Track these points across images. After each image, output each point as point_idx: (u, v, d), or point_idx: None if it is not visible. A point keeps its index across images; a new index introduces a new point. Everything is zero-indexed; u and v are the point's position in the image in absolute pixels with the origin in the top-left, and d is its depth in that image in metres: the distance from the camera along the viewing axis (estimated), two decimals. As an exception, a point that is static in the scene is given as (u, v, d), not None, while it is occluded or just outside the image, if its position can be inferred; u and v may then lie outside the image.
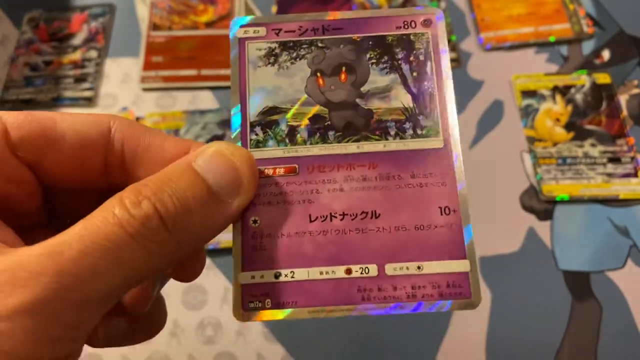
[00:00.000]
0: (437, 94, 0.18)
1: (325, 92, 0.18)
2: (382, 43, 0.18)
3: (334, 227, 0.17)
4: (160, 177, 0.14)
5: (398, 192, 0.17)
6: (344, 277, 0.17)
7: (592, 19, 0.46)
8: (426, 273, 0.17)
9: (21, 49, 0.47)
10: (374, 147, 0.18)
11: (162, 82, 0.44)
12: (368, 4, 0.48)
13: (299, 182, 0.17)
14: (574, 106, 0.42)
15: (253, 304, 0.16)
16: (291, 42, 0.18)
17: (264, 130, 0.18)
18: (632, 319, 0.34)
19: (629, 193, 0.38)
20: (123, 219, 0.13)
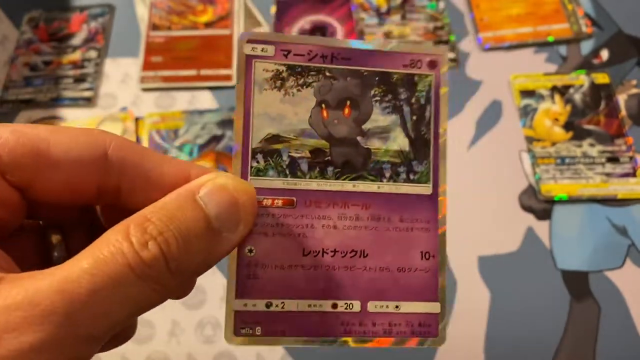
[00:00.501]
0: (432, 140, 0.19)
1: (329, 125, 0.18)
2: (388, 81, 0.19)
3: (325, 263, 0.18)
4: (164, 211, 0.14)
5: (386, 234, 0.18)
6: (329, 311, 0.18)
7: (590, 19, 0.46)
8: (403, 312, 0.18)
9: (21, 49, 0.47)
10: (368, 187, 0.18)
11: (162, 82, 0.44)
12: (367, 4, 0.48)
13: (295, 215, 0.18)
14: (572, 106, 0.42)
15: (244, 330, 0.17)
16: (299, 67, 0.18)
17: (266, 159, 0.18)
18: (630, 319, 0.34)
19: (628, 193, 0.38)
20: (132, 260, 0.13)
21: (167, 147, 0.41)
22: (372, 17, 0.47)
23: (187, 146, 0.41)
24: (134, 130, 0.42)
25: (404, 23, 0.47)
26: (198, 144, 0.41)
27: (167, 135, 0.42)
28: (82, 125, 0.43)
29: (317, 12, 0.48)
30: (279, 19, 0.47)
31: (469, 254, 0.37)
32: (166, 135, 0.42)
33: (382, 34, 0.46)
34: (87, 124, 0.43)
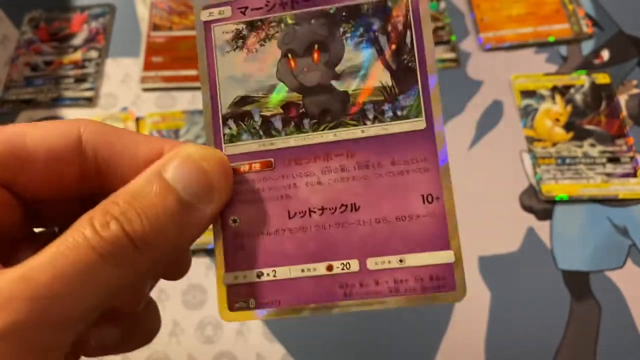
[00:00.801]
0: (419, 67, 0.16)
1: (298, 75, 0.17)
2: (357, 13, 0.16)
3: (314, 223, 0.16)
4: (130, 192, 0.14)
5: (378, 182, 0.16)
6: (325, 274, 0.16)
7: (591, 19, 0.46)
8: (408, 266, 0.16)
9: (21, 49, 0.47)
10: (352, 134, 0.16)
11: (162, 82, 0.44)
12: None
13: (275, 177, 0.16)
14: (573, 106, 0.42)
15: (238, 304, 0.16)
16: (259, 20, 0.17)
17: (237, 123, 0.17)
18: (631, 319, 0.34)
19: (628, 193, 0.38)
20: (93, 241, 0.13)
21: (168, 147, 0.41)
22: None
23: (187, 146, 0.41)
24: (134, 130, 0.42)
25: None
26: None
27: (167, 135, 0.42)
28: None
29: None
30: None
31: (469, 254, 0.37)
32: (167, 135, 0.42)
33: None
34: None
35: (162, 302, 0.36)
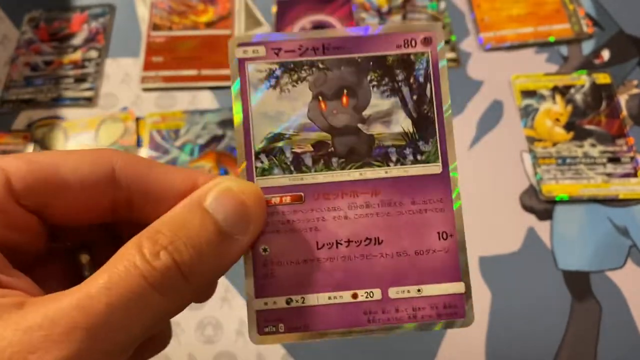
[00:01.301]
0: (436, 118, 0.18)
1: (328, 117, 0.18)
2: (383, 64, 0.18)
3: (340, 254, 0.18)
4: (174, 221, 0.15)
5: (399, 219, 0.18)
6: (350, 302, 0.18)
7: (591, 19, 0.46)
8: (425, 295, 0.18)
9: (21, 48, 0.47)
10: (376, 173, 0.18)
11: (162, 82, 0.44)
12: (368, 4, 0.48)
13: (305, 210, 0.18)
14: (573, 106, 0.42)
15: (268, 329, 0.17)
16: (291, 63, 0.18)
17: (269, 158, 0.18)
18: (631, 319, 0.34)
19: (629, 193, 0.38)
20: (145, 271, 0.13)
21: (168, 147, 0.41)
22: (373, 17, 0.47)
23: (187, 146, 0.41)
24: (134, 130, 0.42)
25: (405, 23, 0.47)
26: (199, 144, 0.41)
27: (167, 135, 0.42)
28: (82, 125, 0.43)
29: (318, 12, 0.48)
30: (279, 19, 0.47)
31: (470, 254, 0.37)
32: (167, 135, 0.42)
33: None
34: (87, 124, 0.43)
35: (162, 302, 0.36)
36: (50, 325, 0.12)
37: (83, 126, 0.42)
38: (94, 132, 0.42)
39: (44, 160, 0.15)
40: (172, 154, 0.41)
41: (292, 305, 0.17)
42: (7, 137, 0.42)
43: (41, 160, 0.15)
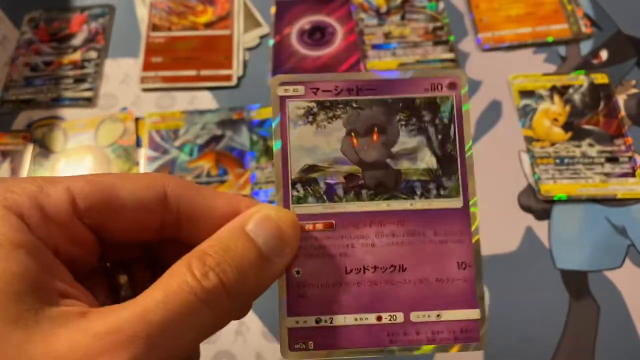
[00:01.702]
0: (459, 157, 0.20)
1: (359, 151, 0.20)
2: (411, 105, 0.20)
3: (367, 279, 0.19)
4: (220, 244, 0.16)
5: (422, 248, 0.19)
6: (375, 323, 0.19)
7: (590, 19, 0.46)
8: (444, 320, 0.19)
9: (21, 49, 0.47)
10: (402, 205, 0.20)
11: (162, 83, 0.44)
12: (366, 4, 0.48)
13: (335, 237, 0.19)
14: (572, 106, 0.42)
15: (298, 345, 0.19)
16: (328, 102, 0.20)
17: (305, 188, 0.20)
18: (629, 318, 0.35)
19: (627, 193, 0.38)
20: (196, 289, 0.15)
21: (167, 147, 0.41)
22: (372, 18, 0.47)
23: (187, 146, 0.41)
24: (134, 130, 0.42)
25: (404, 23, 0.47)
26: (198, 144, 0.41)
27: (167, 135, 0.42)
28: (82, 125, 0.43)
29: (317, 12, 0.48)
30: (278, 19, 0.47)
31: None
32: (166, 135, 0.42)
33: (382, 34, 0.46)
34: (87, 124, 0.43)
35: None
36: (115, 333, 0.14)
37: (83, 126, 0.43)
38: (93, 132, 0.42)
39: (105, 182, 0.17)
40: (172, 154, 0.41)
41: (321, 324, 0.19)
42: (7, 137, 0.42)
43: (102, 181, 0.17)
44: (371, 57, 0.45)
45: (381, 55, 0.45)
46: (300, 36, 0.47)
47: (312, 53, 0.46)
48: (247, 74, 0.45)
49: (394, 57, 0.45)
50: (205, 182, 0.40)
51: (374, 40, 0.46)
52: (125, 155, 0.41)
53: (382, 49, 0.45)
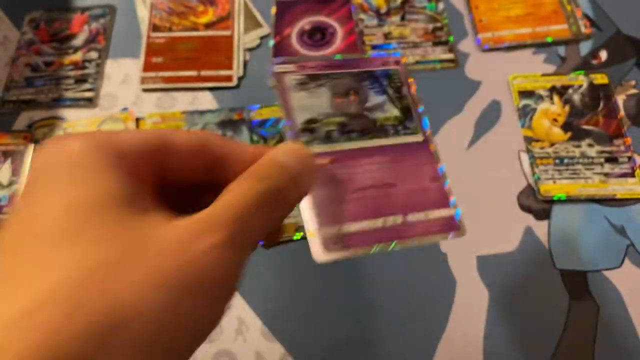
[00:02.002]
0: (412, 106, 0.28)
1: (343, 107, 0.27)
2: (373, 75, 0.28)
3: (369, 195, 0.25)
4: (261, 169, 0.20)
5: (403, 170, 0.26)
6: (381, 226, 0.25)
7: (589, 20, 0.46)
8: (431, 218, 0.25)
9: (22, 49, 0.47)
10: (381, 142, 0.26)
11: (162, 83, 0.44)
12: (366, 5, 0.48)
13: (339, 168, 0.26)
14: (571, 106, 0.42)
15: (329, 248, 0.24)
16: (314, 75, 0.27)
17: (309, 135, 0.26)
18: (629, 318, 0.35)
19: (626, 193, 0.38)
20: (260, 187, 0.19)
21: (168, 147, 0.42)
22: (372, 18, 0.47)
23: (187, 146, 0.41)
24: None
25: (404, 24, 0.47)
26: (198, 144, 0.41)
27: (167, 135, 0.42)
28: (83, 125, 0.43)
29: (317, 13, 0.48)
30: (279, 20, 0.48)
31: (468, 254, 0.37)
32: (167, 135, 0.42)
33: (382, 34, 0.46)
34: (88, 124, 0.43)
35: (162, 301, 0.36)
36: (209, 219, 0.17)
37: (83, 126, 0.43)
38: (94, 132, 0.42)
39: (160, 130, 0.20)
40: (172, 154, 0.41)
41: (343, 231, 0.24)
42: (8, 137, 0.43)
43: (158, 130, 0.21)
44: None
45: (381, 56, 0.45)
46: (300, 37, 0.47)
47: (313, 53, 0.46)
48: (248, 75, 0.45)
49: (393, 58, 0.45)
50: (206, 182, 0.40)
51: (374, 41, 0.46)
52: (126, 155, 0.41)
53: (382, 49, 0.45)
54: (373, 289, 0.36)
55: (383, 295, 0.36)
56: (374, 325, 0.35)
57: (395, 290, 0.36)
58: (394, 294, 0.36)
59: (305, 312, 0.36)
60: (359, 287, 0.36)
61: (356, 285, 0.36)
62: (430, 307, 0.35)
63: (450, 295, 0.36)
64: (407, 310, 0.35)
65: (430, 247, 0.37)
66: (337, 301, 0.36)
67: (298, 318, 0.35)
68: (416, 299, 0.36)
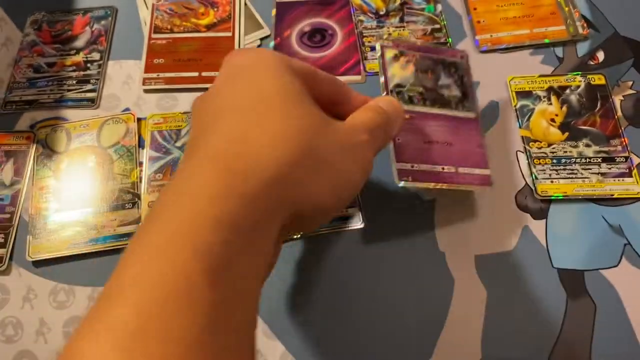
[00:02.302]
0: (470, 91, 0.39)
1: (422, 81, 0.38)
2: (445, 62, 0.39)
3: (434, 147, 0.36)
4: (370, 112, 0.29)
5: (459, 135, 0.37)
6: (440, 171, 0.35)
7: (586, 21, 0.47)
8: (474, 173, 0.36)
9: (24, 50, 0.47)
10: (445, 111, 0.37)
11: (164, 84, 0.45)
12: (365, 7, 0.48)
13: (415, 122, 0.36)
14: (568, 107, 0.42)
15: (403, 179, 0.34)
16: (405, 52, 0.39)
17: (396, 95, 0.37)
18: (626, 317, 0.35)
19: (623, 192, 0.38)
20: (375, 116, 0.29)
21: (169, 147, 0.42)
22: (371, 20, 0.48)
23: (188, 146, 0.42)
24: (136, 131, 0.42)
25: (403, 25, 0.47)
26: (199, 145, 0.42)
27: (169, 135, 0.42)
28: (85, 126, 0.43)
29: (317, 14, 0.48)
30: (279, 22, 0.48)
31: (466, 253, 0.37)
32: (168, 135, 0.42)
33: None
34: (90, 125, 0.43)
35: (163, 300, 0.36)
36: (357, 127, 0.27)
37: (85, 127, 0.43)
38: (96, 132, 0.43)
39: (309, 65, 0.28)
40: (174, 154, 0.41)
41: (414, 168, 0.35)
42: (10, 137, 0.43)
43: (309, 65, 0.28)
44: (370, 58, 0.45)
45: (380, 57, 0.45)
46: (300, 38, 0.47)
47: (312, 55, 0.46)
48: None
49: (393, 59, 0.45)
50: (207, 182, 0.40)
51: (373, 42, 0.46)
52: (128, 155, 0.42)
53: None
54: (372, 288, 0.36)
55: (382, 294, 0.36)
56: (373, 323, 0.35)
57: (394, 288, 0.36)
58: (393, 292, 0.36)
59: (305, 310, 0.36)
60: (359, 287, 0.36)
61: (356, 284, 0.36)
62: (428, 306, 0.36)
63: (448, 294, 0.36)
64: (405, 309, 0.36)
65: (428, 246, 0.37)
66: (337, 300, 0.36)
67: (299, 317, 0.36)
68: (414, 297, 0.36)
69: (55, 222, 0.39)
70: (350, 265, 0.37)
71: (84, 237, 0.38)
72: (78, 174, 0.41)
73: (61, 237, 0.38)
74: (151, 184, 0.40)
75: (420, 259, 0.37)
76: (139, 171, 0.41)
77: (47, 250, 0.38)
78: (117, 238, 0.38)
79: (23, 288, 0.37)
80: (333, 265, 0.37)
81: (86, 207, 0.39)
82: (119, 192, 0.40)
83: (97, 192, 0.40)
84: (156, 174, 0.40)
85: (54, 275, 0.38)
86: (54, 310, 0.36)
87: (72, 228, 0.39)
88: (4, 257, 0.38)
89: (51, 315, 0.36)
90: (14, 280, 0.37)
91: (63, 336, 0.36)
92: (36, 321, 0.36)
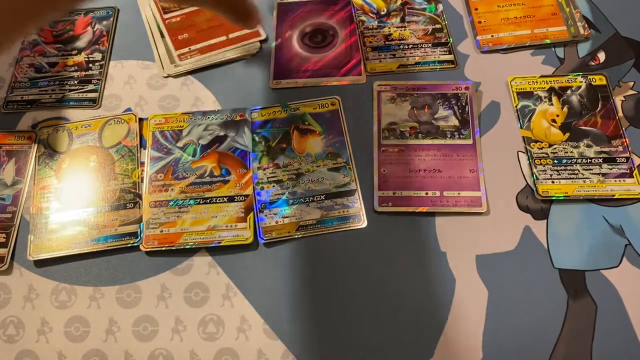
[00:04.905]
0: (470, 121, 0.41)
1: (418, 117, 0.41)
2: (445, 96, 0.42)
3: (420, 175, 0.39)
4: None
5: (450, 162, 0.39)
6: (425, 196, 0.38)
7: (587, 22, 0.47)
8: (462, 196, 0.38)
9: (26, 50, 0.48)
10: (440, 141, 0.40)
11: (199, 55, 0.45)
12: (367, 7, 0.48)
13: (403, 155, 0.39)
14: (569, 107, 0.42)
15: (382, 205, 0.37)
16: (401, 93, 0.42)
17: (388, 133, 0.40)
18: (627, 317, 0.35)
19: (624, 193, 0.38)
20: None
21: (171, 147, 0.42)
22: (372, 20, 0.48)
23: (190, 147, 0.42)
24: (137, 131, 0.43)
25: (404, 26, 0.47)
26: (201, 145, 0.42)
27: (170, 136, 0.42)
28: (86, 126, 0.43)
29: (318, 15, 0.48)
30: (280, 22, 0.48)
31: (467, 253, 0.37)
32: (169, 136, 0.42)
33: (382, 36, 0.47)
34: (91, 125, 0.43)
35: (165, 299, 0.37)
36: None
37: (87, 127, 0.43)
38: (97, 133, 0.43)
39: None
40: (175, 154, 0.41)
41: (396, 195, 0.38)
42: (12, 137, 0.43)
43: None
44: (371, 59, 0.45)
45: (381, 57, 0.45)
46: (301, 39, 0.47)
47: (313, 55, 0.46)
48: (248, 76, 0.45)
49: (394, 59, 0.45)
50: (208, 182, 0.40)
51: (374, 43, 0.46)
52: (130, 155, 0.42)
53: (382, 50, 0.46)
54: (373, 288, 0.36)
55: (383, 294, 0.36)
56: (375, 323, 0.35)
57: (395, 288, 0.36)
58: (394, 292, 0.36)
59: (306, 310, 0.36)
60: (359, 286, 0.36)
61: (356, 284, 0.37)
62: (430, 306, 0.36)
63: (450, 294, 0.36)
64: (407, 309, 0.36)
65: (430, 246, 0.37)
66: (337, 300, 0.36)
67: (300, 316, 0.36)
68: (416, 297, 0.36)
69: (56, 222, 0.39)
70: (351, 265, 0.37)
71: (85, 237, 0.38)
72: (79, 173, 0.41)
73: (62, 237, 0.38)
74: (152, 184, 0.40)
75: (421, 259, 0.37)
76: (140, 171, 0.41)
77: (49, 250, 0.38)
78: (118, 238, 0.38)
79: (24, 288, 0.37)
80: (334, 265, 0.37)
81: (87, 207, 0.39)
82: (120, 191, 0.40)
83: (98, 192, 0.40)
84: (157, 173, 0.41)
85: (55, 274, 0.38)
86: (55, 309, 0.37)
87: (73, 228, 0.39)
88: (6, 256, 0.38)
89: (52, 314, 0.36)
90: (15, 280, 0.38)
91: (64, 336, 0.36)
92: (37, 321, 0.36)
